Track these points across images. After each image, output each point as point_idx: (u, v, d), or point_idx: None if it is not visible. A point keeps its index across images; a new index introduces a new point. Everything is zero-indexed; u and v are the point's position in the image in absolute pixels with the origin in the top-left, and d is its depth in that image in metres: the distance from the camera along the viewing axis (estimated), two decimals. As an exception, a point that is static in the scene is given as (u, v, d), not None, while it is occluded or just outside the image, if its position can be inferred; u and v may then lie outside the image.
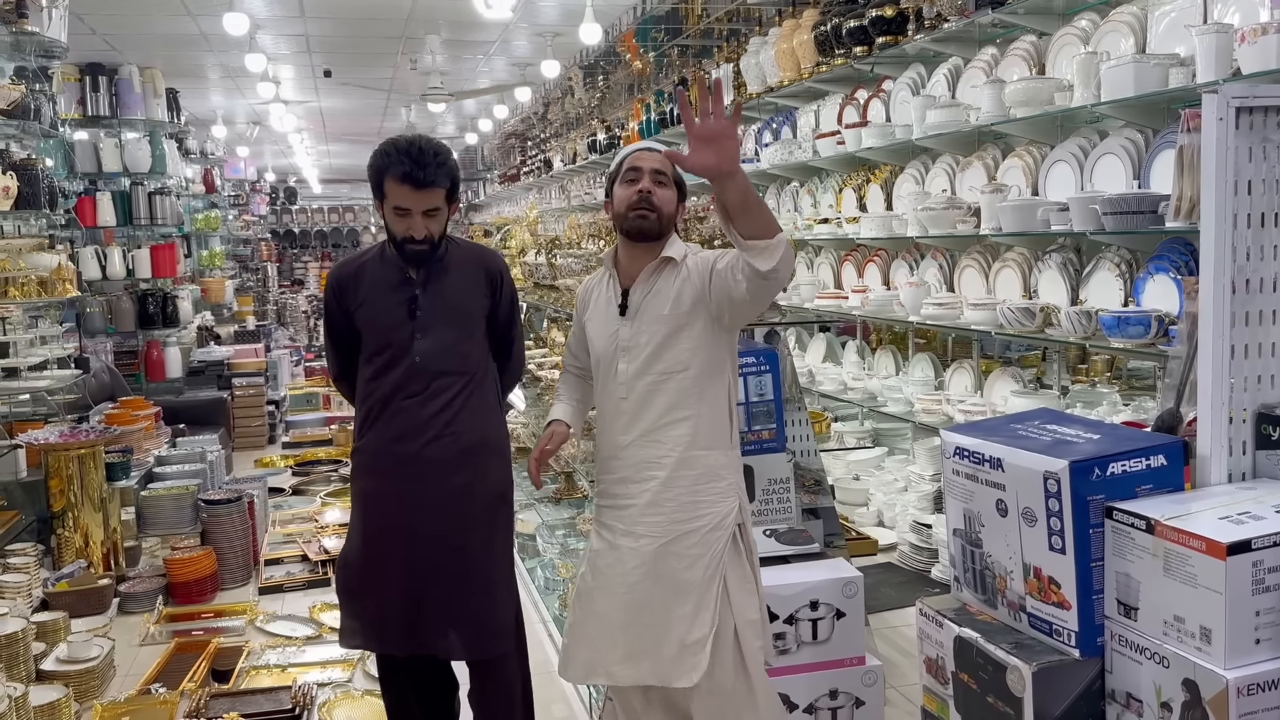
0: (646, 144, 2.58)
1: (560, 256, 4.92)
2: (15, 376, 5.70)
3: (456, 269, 2.88)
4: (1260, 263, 1.79)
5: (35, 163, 5.69)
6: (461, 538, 2.84)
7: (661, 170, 2.49)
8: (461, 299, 2.88)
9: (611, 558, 2.50)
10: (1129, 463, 1.76)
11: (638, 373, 2.47)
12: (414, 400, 2.81)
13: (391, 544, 2.84)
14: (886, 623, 4.22)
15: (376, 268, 2.88)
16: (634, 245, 2.50)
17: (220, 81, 11.35)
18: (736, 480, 2.54)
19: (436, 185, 2.72)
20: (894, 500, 5.30)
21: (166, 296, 8.26)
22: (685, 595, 2.41)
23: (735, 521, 2.48)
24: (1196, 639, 1.60)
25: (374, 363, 2.85)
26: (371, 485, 2.90)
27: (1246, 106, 1.75)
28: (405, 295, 2.83)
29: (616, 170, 2.54)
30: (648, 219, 2.45)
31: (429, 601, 2.82)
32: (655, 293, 2.47)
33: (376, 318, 2.84)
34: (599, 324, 2.57)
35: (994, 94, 4.19)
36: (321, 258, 24.12)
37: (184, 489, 5.55)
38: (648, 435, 2.47)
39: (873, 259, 5.45)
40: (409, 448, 2.81)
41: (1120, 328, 3.40)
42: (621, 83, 9.74)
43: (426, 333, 2.81)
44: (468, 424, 2.85)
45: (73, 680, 3.80)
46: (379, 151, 2.75)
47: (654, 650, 2.42)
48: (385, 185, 2.72)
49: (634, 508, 2.48)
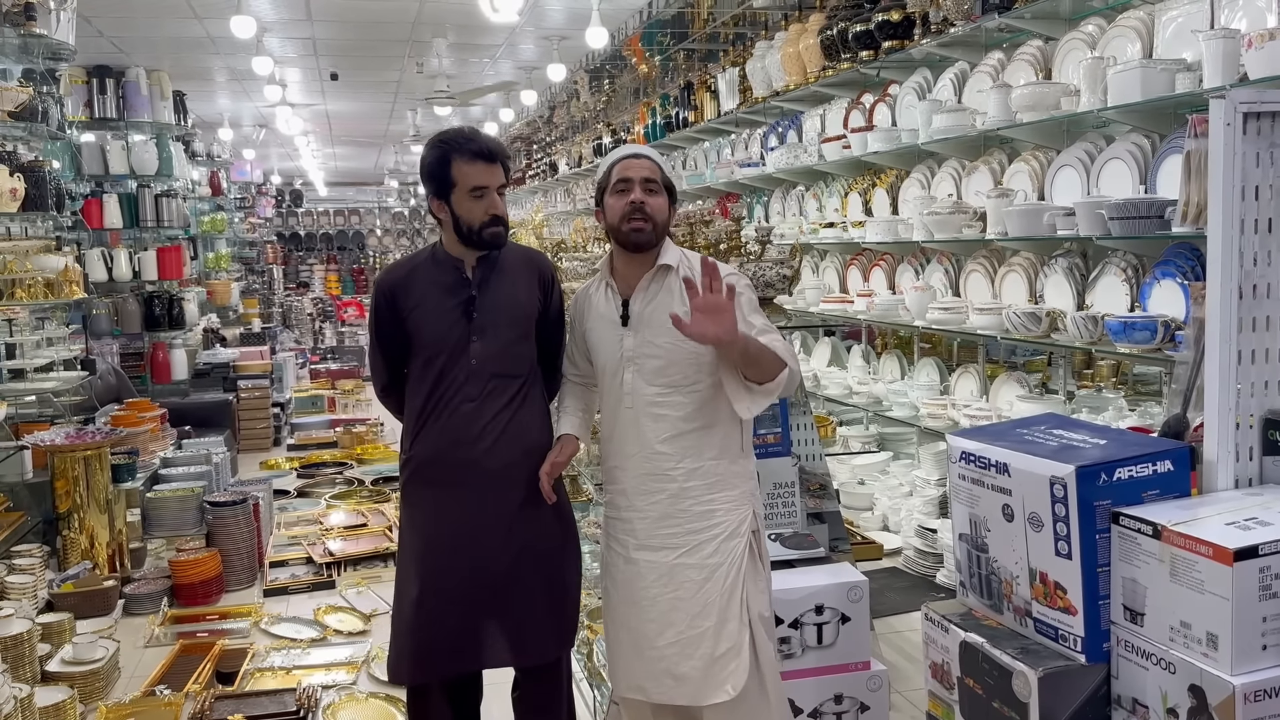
0: (633, 150, 2.56)
1: (566, 260, 4.93)
2: (22, 378, 5.72)
3: (510, 269, 2.82)
4: (1267, 268, 1.79)
5: (42, 165, 5.70)
6: (530, 543, 2.75)
7: (651, 178, 2.48)
8: (517, 300, 2.81)
9: (629, 571, 2.50)
10: (1135, 468, 1.75)
11: (646, 383, 2.46)
12: (472, 404, 2.72)
13: (454, 556, 2.73)
14: (892, 627, 4.21)
15: (430, 270, 2.81)
16: (630, 255, 2.51)
17: (227, 84, 11.39)
18: (750, 487, 2.52)
19: (501, 159, 2.74)
20: (899, 505, 5.30)
21: (172, 299, 8.28)
22: (708, 609, 2.40)
23: (751, 528, 2.47)
24: (1203, 645, 1.59)
25: (429, 368, 2.76)
26: (430, 495, 2.78)
27: (1254, 112, 1.75)
28: (462, 297, 2.75)
29: (606, 179, 2.53)
30: (643, 231, 2.46)
31: (494, 613, 2.73)
32: (655, 302, 2.48)
33: (432, 320, 2.75)
34: (600, 333, 2.56)
35: (1000, 98, 4.19)
36: (327, 260, 24.18)
37: (189, 491, 5.56)
38: (657, 446, 2.45)
39: (878, 263, 5.45)
40: (468, 453, 2.71)
41: (1126, 333, 3.39)
42: (627, 86, 9.76)
43: (483, 334, 2.74)
44: (526, 426, 2.77)
45: (78, 681, 3.81)
46: (436, 143, 2.72)
47: (683, 669, 2.41)
48: (454, 171, 2.67)
49: (645, 520, 2.47)
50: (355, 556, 5.43)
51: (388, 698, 3.83)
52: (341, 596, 4.99)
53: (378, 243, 25.30)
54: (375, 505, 6.46)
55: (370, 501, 6.60)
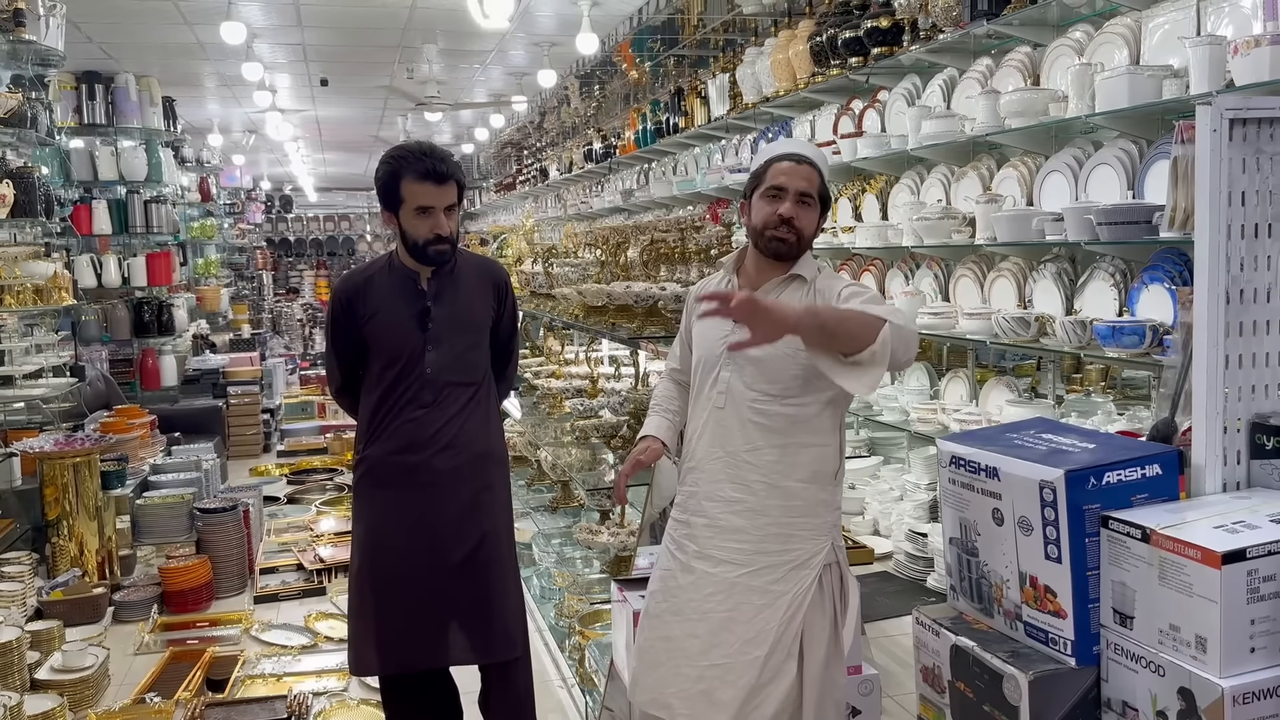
0: (796, 151, 2.35)
1: (557, 265, 4.93)
2: (10, 384, 5.70)
3: (465, 280, 2.90)
4: (1254, 273, 1.80)
5: (31, 171, 5.69)
6: (478, 543, 2.85)
7: (808, 192, 2.31)
8: (471, 310, 2.89)
9: (686, 580, 2.34)
10: (1124, 472, 1.76)
11: (745, 386, 2.30)
12: (424, 410, 2.81)
13: (407, 556, 2.82)
14: (883, 631, 4.22)
15: (386, 279, 2.88)
16: (765, 258, 2.36)
17: (217, 90, 11.36)
18: (834, 519, 2.34)
19: (452, 179, 2.75)
20: (889, 509, 5.30)
21: (162, 305, 8.26)
22: (761, 636, 2.24)
23: (824, 562, 2.29)
24: (1192, 648, 1.60)
25: (385, 374, 2.84)
26: (381, 495, 2.87)
27: (1240, 118, 1.76)
28: (417, 307, 2.83)
29: (758, 178, 2.36)
30: (787, 242, 2.31)
31: (449, 610, 2.82)
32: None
33: (388, 329, 2.83)
34: (709, 326, 2.38)
35: (989, 105, 4.21)
36: (317, 266, 24.13)
37: (179, 497, 5.54)
38: (741, 454, 2.29)
39: (868, 268, 5.46)
40: (418, 457, 2.81)
41: (1115, 337, 3.41)
42: (618, 92, 9.76)
43: (438, 344, 2.82)
44: (476, 432, 2.87)
45: (67, 689, 3.79)
46: (389, 158, 2.75)
47: (722, 695, 2.25)
48: (403, 188, 2.72)
49: (712, 529, 2.31)
50: (346, 563, 5.39)
51: (378, 704, 3.81)
52: (332, 603, 4.97)
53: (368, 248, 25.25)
54: (366, 511, 6.44)
55: (361, 508, 6.58)
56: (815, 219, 2.35)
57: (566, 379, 5.05)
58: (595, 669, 3.48)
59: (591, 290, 4.12)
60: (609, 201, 9.49)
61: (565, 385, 4.91)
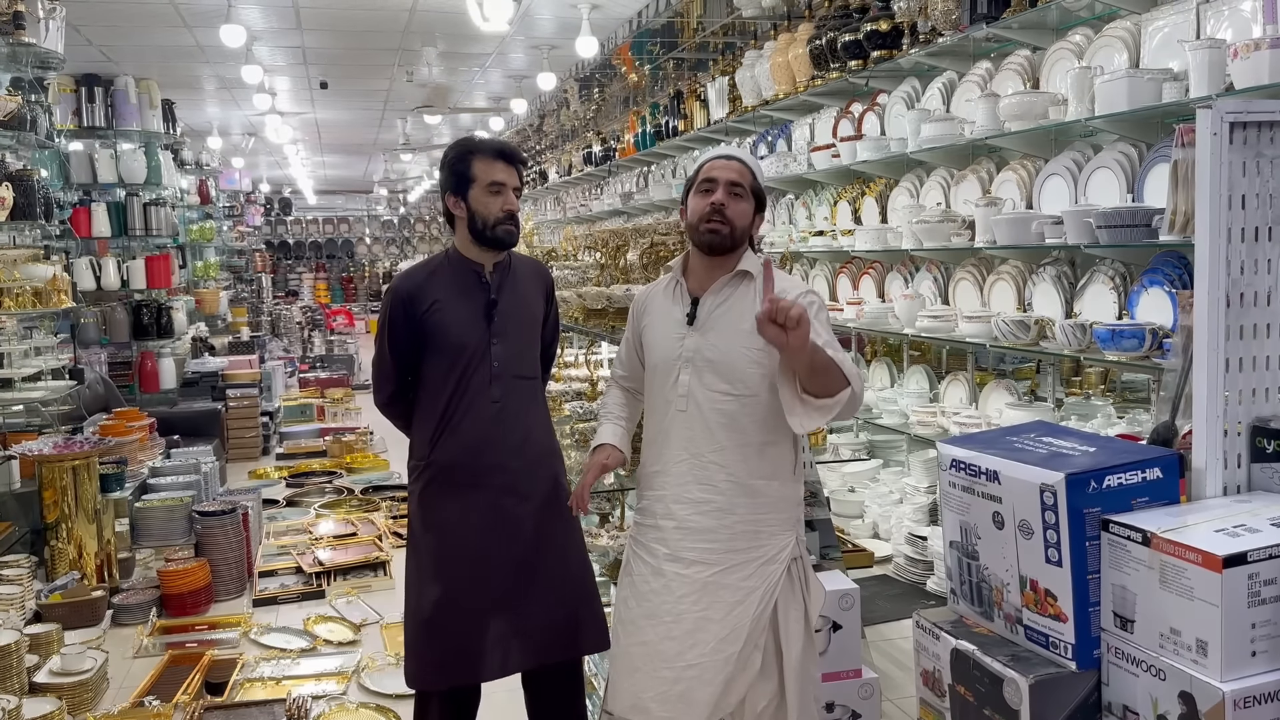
0: (726, 151, 2.46)
1: (556, 268, 4.92)
2: (9, 387, 5.70)
3: (521, 276, 2.90)
4: (1254, 276, 1.80)
5: (31, 173, 5.69)
6: (565, 540, 2.82)
7: (738, 182, 2.38)
8: (530, 305, 2.89)
9: (657, 583, 2.37)
10: (1125, 475, 1.76)
11: (703, 387, 2.34)
12: (496, 405, 2.76)
13: (494, 561, 2.74)
14: (883, 635, 4.22)
15: (448, 274, 2.83)
16: (706, 256, 2.42)
17: (216, 93, 11.38)
18: (797, 514, 2.41)
19: (520, 163, 2.83)
20: (889, 512, 5.30)
21: (161, 307, 8.26)
22: (736, 633, 2.29)
23: (790, 556, 2.36)
24: (1193, 651, 1.60)
25: (450, 373, 2.77)
26: (456, 499, 2.77)
27: (1240, 121, 1.76)
28: (481, 300, 2.79)
29: (693, 178, 2.44)
30: (719, 233, 2.36)
31: (542, 611, 2.76)
32: (727, 305, 2.38)
33: (452, 322, 2.77)
34: (660, 331, 2.45)
35: (988, 108, 4.22)
36: (316, 269, 24.16)
37: (178, 500, 5.53)
38: (705, 455, 2.34)
39: (867, 271, 5.46)
40: (494, 456, 2.75)
41: (1115, 341, 3.41)
42: (617, 95, 9.78)
43: (503, 336, 2.79)
44: (542, 427, 2.87)
45: (66, 693, 3.79)
46: (459, 143, 2.83)
47: (699, 695, 2.28)
48: (475, 167, 2.75)
49: (682, 531, 2.35)
50: (345, 566, 5.41)
51: (378, 708, 3.81)
52: (331, 606, 4.97)
53: (367, 251, 25.29)
54: (365, 514, 6.44)
55: (360, 511, 6.58)
56: (748, 212, 2.40)
57: (565, 382, 5.04)
58: (595, 672, 3.47)
59: (591, 293, 4.11)
60: (608, 204, 9.50)
61: (564, 388, 4.90)
